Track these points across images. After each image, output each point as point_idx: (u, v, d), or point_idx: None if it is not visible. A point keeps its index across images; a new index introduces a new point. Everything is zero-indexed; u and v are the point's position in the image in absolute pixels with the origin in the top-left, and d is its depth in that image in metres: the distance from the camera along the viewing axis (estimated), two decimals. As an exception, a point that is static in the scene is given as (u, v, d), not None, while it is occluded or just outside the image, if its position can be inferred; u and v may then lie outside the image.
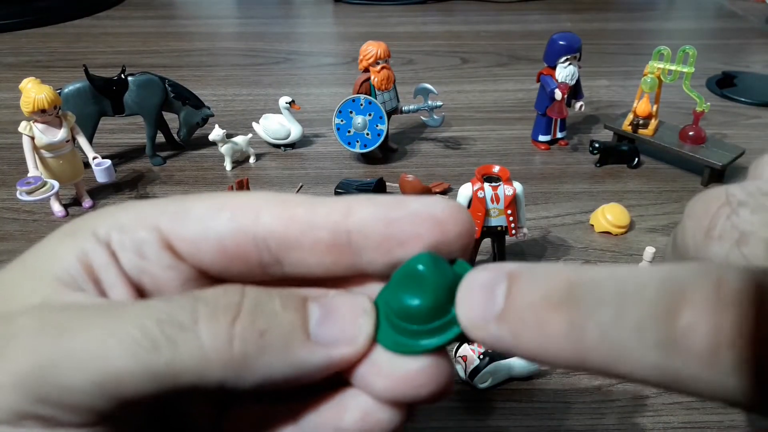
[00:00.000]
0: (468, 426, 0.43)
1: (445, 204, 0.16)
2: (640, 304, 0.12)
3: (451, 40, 1.22)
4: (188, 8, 1.47)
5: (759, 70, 1.07)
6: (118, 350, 0.13)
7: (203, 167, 0.76)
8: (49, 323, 0.14)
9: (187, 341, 0.14)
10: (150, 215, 0.16)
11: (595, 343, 0.12)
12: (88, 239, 0.16)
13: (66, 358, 0.13)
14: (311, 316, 0.15)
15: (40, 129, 0.62)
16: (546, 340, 0.13)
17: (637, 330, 0.12)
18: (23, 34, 1.23)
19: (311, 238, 0.16)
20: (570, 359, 0.12)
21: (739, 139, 0.80)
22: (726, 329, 0.11)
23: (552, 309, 0.13)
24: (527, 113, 0.87)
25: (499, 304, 0.13)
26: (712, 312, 0.11)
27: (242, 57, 1.14)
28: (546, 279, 0.13)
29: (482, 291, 0.14)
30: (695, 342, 0.11)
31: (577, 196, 0.70)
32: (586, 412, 0.44)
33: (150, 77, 0.75)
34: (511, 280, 0.13)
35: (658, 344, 0.11)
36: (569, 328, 0.12)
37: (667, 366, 0.11)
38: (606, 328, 0.12)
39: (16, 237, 0.63)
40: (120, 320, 0.14)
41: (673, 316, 0.11)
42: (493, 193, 0.52)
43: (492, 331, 0.13)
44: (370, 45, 0.72)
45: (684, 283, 0.12)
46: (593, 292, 0.12)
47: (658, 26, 1.34)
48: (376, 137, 0.74)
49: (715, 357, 0.11)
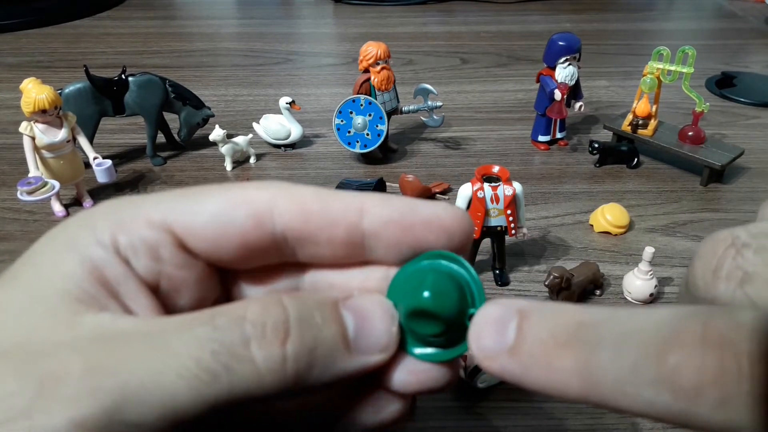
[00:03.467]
0: (467, 425, 0.43)
1: (452, 211, 0.17)
2: (637, 345, 0.13)
3: (451, 41, 1.23)
4: (189, 9, 1.47)
5: (758, 70, 1.07)
6: (179, 384, 0.13)
7: (204, 167, 0.76)
8: (104, 360, 0.14)
9: (243, 367, 0.14)
10: (156, 213, 0.16)
11: (597, 380, 0.13)
12: (93, 247, 0.15)
13: (130, 398, 0.13)
14: (348, 326, 0.16)
15: (41, 129, 0.62)
16: (553, 375, 0.14)
17: (633, 369, 0.13)
18: (24, 35, 1.23)
19: (327, 235, 0.17)
20: (575, 394, 0.14)
21: (739, 140, 0.80)
22: (709, 368, 0.12)
23: (559, 347, 0.14)
24: (527, 113, 0.87)
25: (510, 339, 0.14)
26: (697, 353, 0.12)
27: (242, 57, 1.14)
28: (554, 318, 0.14)
29: (495, 326, 0.15)
30: (682, 380, 0.12)
31: (577, 196, 0.70)
32: (586, 412, 0.44)
33: (150, 77, 0.75)
34: (522, 317, 0.15)
35: (651, 382, 0.12)
36: (574, 365, 0.13)
37: (660, 402, 0.12)
38: (607, 366, 0.13)
39: (16, 237, 0.63)
40: (173, 353, 0.14)
41: (664, 357, 0.12)
42: (493, 193, 0.52)
43: (502, 363, 0.15)
44: (370, 45, 0.73)
45: (675, 327, 0.13)
46: (596, 333, 0.13)
47: (658, 26, 1.34)
48: (376, 137, 0.74)
49: (700, 394, 0.12)
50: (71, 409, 0.13)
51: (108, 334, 0.14)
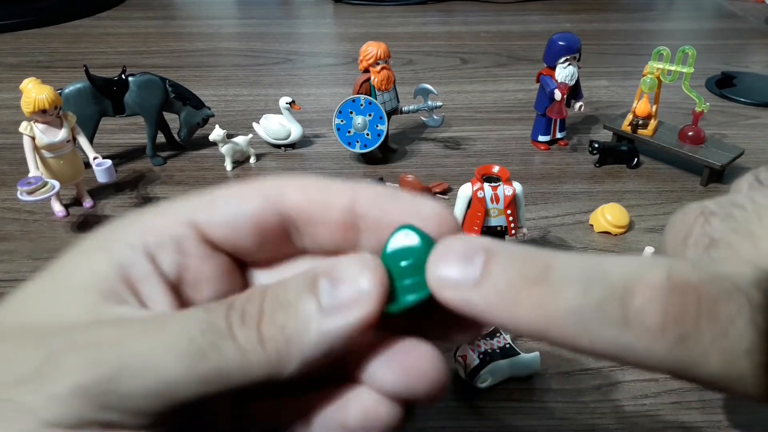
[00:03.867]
0: (467, 426, 0.43)
1: (431, 204, 0.18)
2: (603, 287, 0.14)
3: (451, 41, 1.23)
4: (188, 9, 1.47)
5: (758, 70, 1.07)
6: (171, 360, 0.15)
7: (204, 167, 0.76)
8: (106, 337, 0.15)
9: (227, 347, 0.15)
10: (181, 212, 0.18)
11: (561, 317, 0.14)
12: (123, 251, 0.17)
13: (126, 369, 0.15)
14: (322, 292, 0.16)
15: (41, 129, 0.62)
16: (517, 311, 0.14)
17: (598, 308, 0.13)
18: (24, 35, 1.23)
19: (326, 217, 0.18)
20: (537, 330, 0.14)
21: (739, 140, 0.80)
22: (672, 310, 0.13)
23: (527, 285, 0.14)
24: (527, 113, 0.87)
25: (476, 273, 0.15)
26: (662, 295, 0.13)
27: (242, 57, 1.14)
28: (523, 259, 0.15)
29: (460, 257, 0.15)
30: (646, 320, 0.13)
31: (577, 196, 0.70)
32: (586, 412, 0.44)
33: (150, 77, 0.75)
34: (489, 254, 0.15)
35: (615, 321, 0.13)
36: (539, 302, 0.14)
37: (620, 341, 0.13)
38: (572, 304, 0.14)
39: (16, 237, 0.63)
40: (169, 332, 0.15)
41: (630, 298, 0.13)
42: (493, 193, 0.52)
43: (466, 296, 0.15)
44: (370, 45, 0.73)
45: (642, 272, 0.14)
46: (564, 274, 0.14)
47: (658, 26, 1.34)
48: (376, 137, 0.74)
49: (661, 333, 0.13)
50: (72, 376, 0.14)
51: (123, 320, 0.16)
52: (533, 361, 0.46)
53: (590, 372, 0.47)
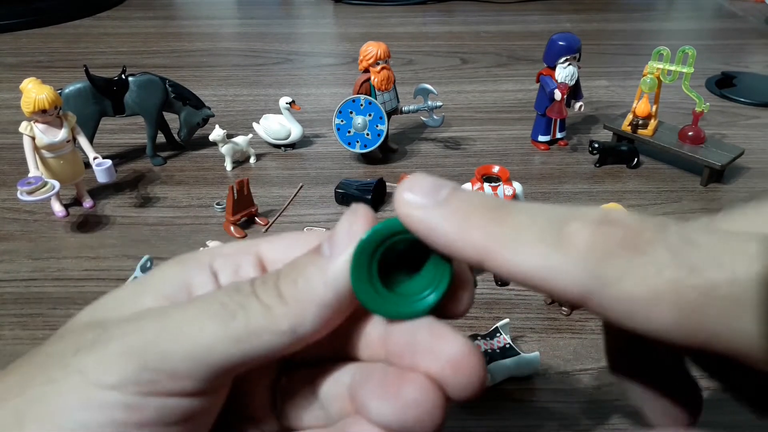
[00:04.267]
0: (468, 426, 0.43)
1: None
2: (547, 216, 0.16)
3: (451, 41, 1.23)
4: (188, 9, 1.48)
5: (758, 70, 1.07)
6: (205, 322, 0.17)
7: (204, 167, 0.76)
8: (152, 313, 0.18)
9: (252, 305, 0.17)
10: (250, 245, 0.21)
11: (505, 238, 0.16)
12: (195, 267, 0.20)
13: (165, 332, 0.17)
14: (324, 250, 0.18)
15: (41, 129, 0.62)
16: (468, 230, 0.16)
17: (539, 231, 0.15)
18: (24, 35, 1.24)
19: None
20: (479, 249, 0.16)
21: (739, 139, 0.80)
22: (600, 235, 0.15)
23: (482, 211, 0.16)
24: (527, 113, 0.87)
25: (442, 197, 0.17)
26: (594, 225, 0.15)
27: (242, 57, 1.14)
28: (483, 196, 0.17)
29: (428, 186, 0.17)
30: (577, 242, 0.15)
31: (577, 197, 0.70)
32: (586, 412, 0.44)
33: (150, 77, 0.75)
34: (454, 189, 0.17)
35: (549, 242, 0.15)
36: (488, 222, 0.16)
37: (550, 260, 0.15)
38: (516, 227, 0.16)
39: (16, 237, 0.63)
40: (204, 301, 0.18)
41: (566, 224, 0.15)
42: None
43: (425, 214, 0.17)
44: (370, 45, 0.73)
45: (581, 209, 0.16)
46: (517, 206, 0.16)
47: (658, 27, 1.34)
48: (376, 137, 0.74)
49: (589, 252, 0.15)
50: (118, 341, 0.17)
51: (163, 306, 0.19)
52: (533, 361, 0.46)
53: (590, 372, 0.47)
